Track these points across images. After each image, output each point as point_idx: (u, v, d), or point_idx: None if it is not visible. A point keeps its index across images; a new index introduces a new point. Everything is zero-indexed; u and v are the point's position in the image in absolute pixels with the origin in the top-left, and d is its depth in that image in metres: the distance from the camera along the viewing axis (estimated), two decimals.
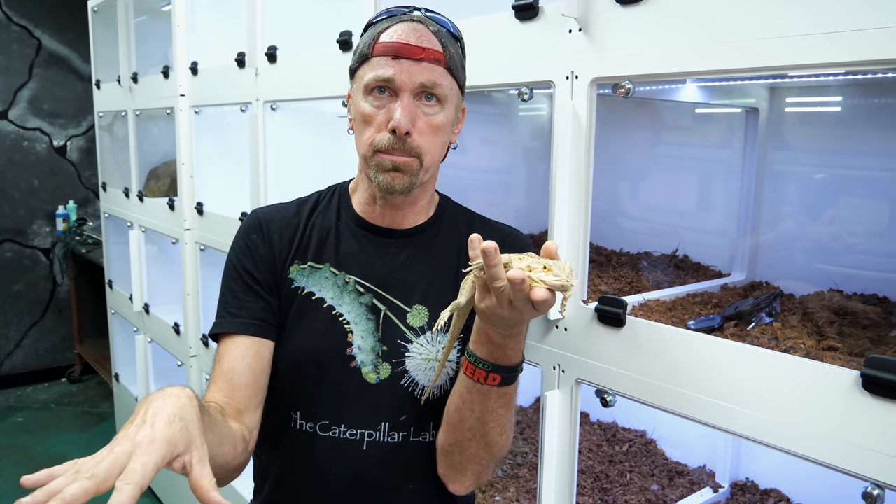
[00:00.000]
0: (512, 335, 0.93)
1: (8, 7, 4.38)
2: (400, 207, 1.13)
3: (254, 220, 1.17)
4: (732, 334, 1.17)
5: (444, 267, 1.15)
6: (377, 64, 1.03)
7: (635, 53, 1.09)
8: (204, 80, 2.45)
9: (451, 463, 1.09)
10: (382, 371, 1.10)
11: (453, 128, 1.11)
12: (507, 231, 1.20)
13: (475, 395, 0.99)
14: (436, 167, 1.11)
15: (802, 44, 0.89)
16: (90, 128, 4.72)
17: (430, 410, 1.13)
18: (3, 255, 4.54)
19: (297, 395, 1.12)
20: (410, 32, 1.03)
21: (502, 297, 0.84)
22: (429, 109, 1.04)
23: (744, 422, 0.99)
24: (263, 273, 1.12)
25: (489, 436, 1.02)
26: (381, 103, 1.04)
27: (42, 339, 4.72)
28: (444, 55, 1.04)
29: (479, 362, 0.96)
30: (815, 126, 1.59)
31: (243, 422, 1.04)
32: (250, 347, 1.08)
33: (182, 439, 0.74)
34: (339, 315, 1.11)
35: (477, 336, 0.97)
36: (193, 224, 2.58)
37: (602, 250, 1.90)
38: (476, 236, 0.86)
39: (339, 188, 1.22)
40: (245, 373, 1.06)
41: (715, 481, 1.70)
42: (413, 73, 1.02)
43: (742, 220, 1.66)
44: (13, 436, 3.92)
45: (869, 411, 0.85)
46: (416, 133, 1.03)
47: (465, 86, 1.12)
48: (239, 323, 1.09)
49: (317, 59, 1.85)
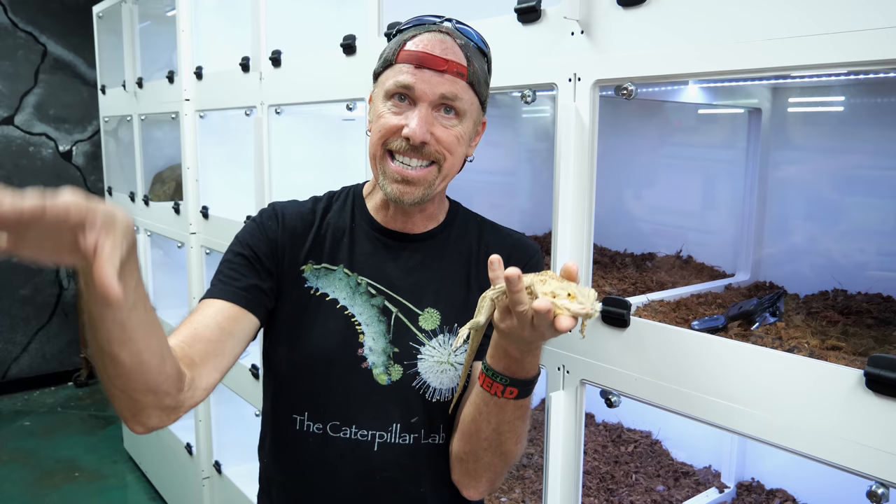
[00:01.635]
0: (530, 350, 0.93)
1: (13, 13, 4.41)
2: (410, 214, 1.14)
3: (272, 209, 1.17)
4: (736, 334, 1.18)
5: (456, 272, 1.15)
6: (399, 70, 1.03)
7: (637, 55, 1.10)
8: (208, 85, 2.47)
9: (466, 470, 1.10)
10: (394, 373, 1.10)
11: (471, 141, 1.11)
12: (516, 237, 1.20)
13: (492, 407, 0.99)
14: (452, 177, 1.10)
15: (804, 45, 0.90)
16: (95, 133, 4.75)
17: (440, 413, 1.13)
18: (10, 259, 4.53)
19: (305, 395, 1.11)
20: (436, 43, 1.03)
21: (524, 320, 0.83)
22: (446, 122, 1.04)
23: (747, 421, 0.99)
24: (267, 255, 1.11)
25: (504, 445, 1.03)
26: (399, 110, 1.03)
27: (49, 344, 4.74)
28: (467, 69, 1.04)
29: (496, 376, 0.96)
30: (818, 126, 1.60)
31: (193, 373, 0.96)
32: (227, 311, 1.04)
33: (103, 213, 0.66)
34: (352, 316, 1.11)
35: (494, 351, 0.96)
36: (199, 228, 2.60)
37: (606, 251, 1.90)
38: (496, 258, 0.86)
39: (353, 190, 1.22)
40: (212, 327, 1.01)
41: (720, 481, 1.70)
42: (434, 84, 1.01)
43: (746, 220, 1.67)
44: (20, 439, 3.93)
45: (873, 410, 0.86)
46: (434, 142, 1.03)
47: (486, 101, 1.11)
48: (225, 290, 1.07)
49: (320, 63, 1.86)
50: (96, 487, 3.41)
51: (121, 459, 3.68)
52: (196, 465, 2.79)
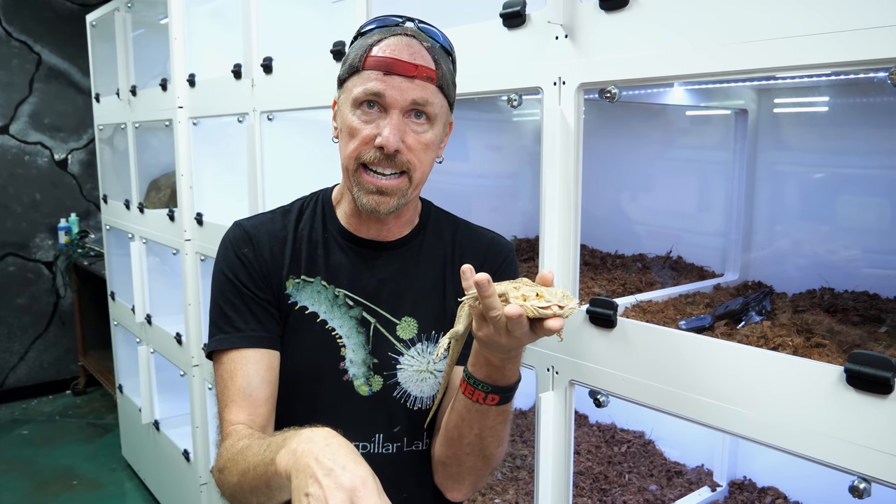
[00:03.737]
0: (510, 358, 0.94)
1: (8, 23, 4.42)
2: (385, 222, 1.13)
3: (241, 232, 1.14)
4: (722, 333, 1.19)
5: (432, 278, 1.15)
6: (368, 78, 1.01)
7: (621, 58, 1.11)
8: (201, 92, 2.48)
9: (450, 474, 1.11)
10: (374, 383, 1.11)
11: (440, 143, 1.11)
12: (490, 237, 1.21)
13: (474, 413, 1.00)
14: (423, 183, 1.10)
15: (788, 46, 0.91)
16: (90, 141, 4.76)
17: (421, 420, 1.14)
18: (7, 269, 4.56)
19: (294, 409, 1.12)
20: (404, 48, 1.01)
21: (499, 326, 0.85)
22: (418, 128, 1.03)
23: (734, 419, 1.00)
24: (261, 286, 1.11)
25: (487, 449, 1.04)
26: (369, 118, 1.02)
27: (46, 352, 4.74)
28: (436, 73, 1.02)
29: (478, 384, 0.97)
30: (804, 126, 1.61)
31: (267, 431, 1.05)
32: (261, 361, 1.07)
33: None
34: (332, 329, 1.11)
35: (475, 359, 0.97)
36: (193, 234, 2.61)
37: (597, 252, 1.91)
38: (468, 267, 0.87)
39: (321, 197, 1.20)
40: (262, 387, 1.05)
41: (713, 480, 1.71)
42: (405, 91, 1.00)
43: (734, 220, 1.68)
44: (18, 448, 3.93)
45: (854, 406, 0.87)
46: (406, 150, 1.02)
47: (454, 102, 1.11)
48: (246, 337, 1.07)
49: (311, 69, 1.87)
50: (95, 496, 3.41)
51: (119, 467, 3.68)
52: (194, 471, 2.79)
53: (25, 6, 4.47)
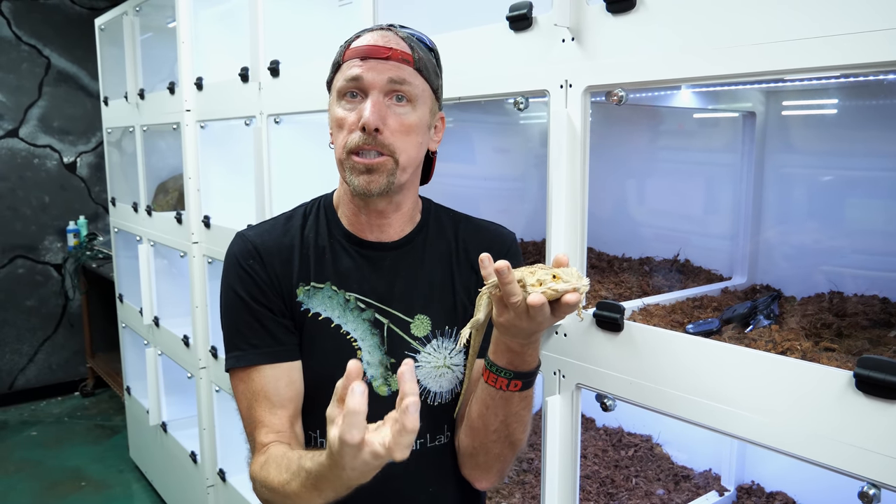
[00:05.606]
0: (530, 343, 0.97)
1: (17, 27, 4.45)
2: (384, 215, 1.13)
3: (245, 244, 1.14)
4: (730, 337, 1.18)
5: (439, 273, 1.16)
6: (347, 67, 1.06)
7: (627, 61, 1.11)
8: (209, 95, 2.49)
9: (477, 464, 1.13)
10: (393, 383, 1.11)
11: (432, 134, 1.12)
12: (492, 229, 1.23)
13: (498, 401, 1.02)
14: (413, 168, 1.10)
15: (796, 48, 0.90)
16: (99, 144, 4.78)
17: (442, 415, 1.15)
18: (16, 271, 4.59)
19: (316, 414, 1.12)
20: (378, 38, 1.06)
21: (520, 311, 0.88)
22: (400, 109, 1.05)
23: (742, 424, 1.00)
24: (272, 297, 1.11)
25: (513, 435, 1.07)
26: (352, 106, 1.05)
27: (55, 354, 4.77)
28: (412, 56, 1.06)
29: (500, 371, 1.00)
30: (812, 129, 1.60)
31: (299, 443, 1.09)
32: (283, 377, 1.09)
33: None
34: (347, 333, 1.12)
35: (496, 346, 1.00)
36: (201, 237, 2.61)
37: (604, 256, 1.91)
38: (486, 256, 0.89)
39: (322, 202, 1.21)
40: (288, 406, 1.09)
41: (720, 485, 1.70)
42: (380, 70, 1.03)
43: (742, 223, 1.67)
44: (27, 449, 3.95)
45: (863, 411, 0.86)
46: (388, 132, 1.03)
47: (440, 92, 1.13)
48: (262, 353, 1.09)
49: (318, 72, 1.87)
50: (103, 497, 3.42)
51: (127, 468, 3.69)
52: (201, 473, 2.80)
53: (35, 10, 4.50)
